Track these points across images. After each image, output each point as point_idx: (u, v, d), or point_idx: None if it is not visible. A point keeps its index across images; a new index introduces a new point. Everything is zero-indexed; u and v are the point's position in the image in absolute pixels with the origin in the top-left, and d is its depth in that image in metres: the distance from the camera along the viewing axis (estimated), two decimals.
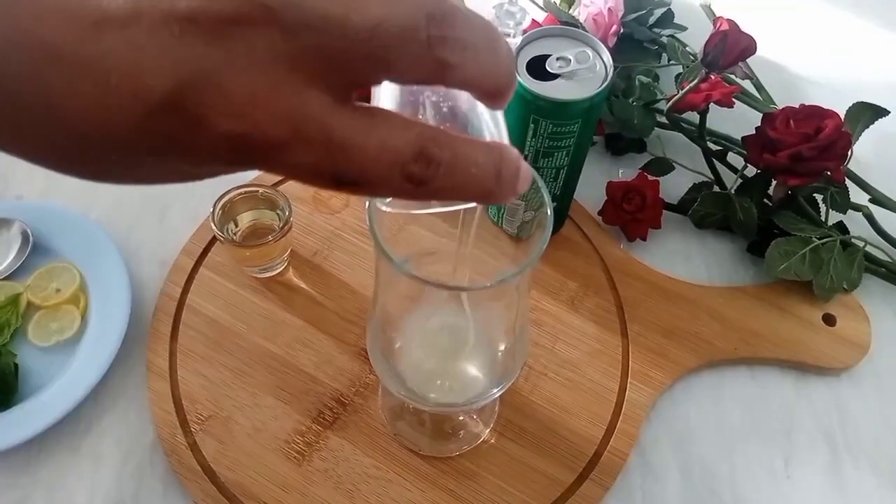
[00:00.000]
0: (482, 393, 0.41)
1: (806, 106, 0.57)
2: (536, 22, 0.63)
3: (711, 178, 0.62)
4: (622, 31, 0.66)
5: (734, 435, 0.52)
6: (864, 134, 0.58)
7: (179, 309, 0.54)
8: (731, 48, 0.55)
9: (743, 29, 0.57)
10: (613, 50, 0.48)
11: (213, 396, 0.50)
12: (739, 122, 0.62)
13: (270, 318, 0.54)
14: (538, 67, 0.47)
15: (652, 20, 0.71)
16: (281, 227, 0.53)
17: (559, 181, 0.53)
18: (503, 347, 0.42)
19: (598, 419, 0.51)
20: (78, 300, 0.54)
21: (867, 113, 0.58)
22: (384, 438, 0.49)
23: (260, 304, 0.55)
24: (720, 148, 0.63)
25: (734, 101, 0.60)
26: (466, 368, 0.44)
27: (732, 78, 0.65)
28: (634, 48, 0.69)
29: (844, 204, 0.59)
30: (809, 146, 0.54)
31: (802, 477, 0.51)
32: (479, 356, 0.44)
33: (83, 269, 0.55)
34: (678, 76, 0.64)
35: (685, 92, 0.59)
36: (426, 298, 0.39)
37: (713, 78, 0.59)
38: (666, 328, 0.55)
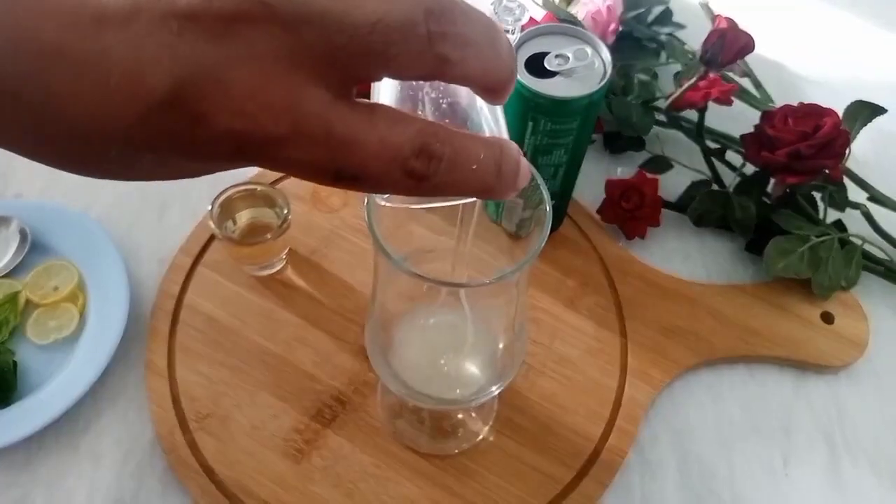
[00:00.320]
0: (481, 391, 0.41)
1: (804, 104, 0.57)
2: (535, 20, 0.63)
3: (710, 176, 0.62)
4: (621, 29, 0.66)
5: (733, 433, 0.52)
6: (862, 132, 0.58)
7: (178, 307, 0.54)
8: (729, 46, 0.55)
9: (741, 27, 0.57)
10: (612, 48, 0.48)
11: (211, 394, 0.50)
12: (738, 120, 0.62)
13: (269, 316, 0.54)
14: (537, 65, 0.47)
15: (651, 18, 0.71)
16: (279, 225, 0.53)
17: (558, 179, 0.53)
18: (502, 345, 0.42)
19: (596, 417, 0.51)
20: (76, 298, 0.54)
21: (865, 111, 0.58)
22: (383, 436, 0.49)
23: (258, 302, 0.55)
24: (719, 146, 0.63)
25: (733, 99, 0.60)
26: (465, 366, 0.44)
27: (731, 76, 0.65)
28: (633, 46, 0.69)
29: (842, 202, 0.59)
30: (808, 144, 0.54)
31: (801, 475, 0.51)
32: (477, 354, 0.44)
33: (82, 267, 0.55)
34: (677, 74, 0.64)
35: (684, 90, 0.59)
36: (425, 296, 0.39)
37: (712, 76, 0.59)
38: (664, 326, 0.55)
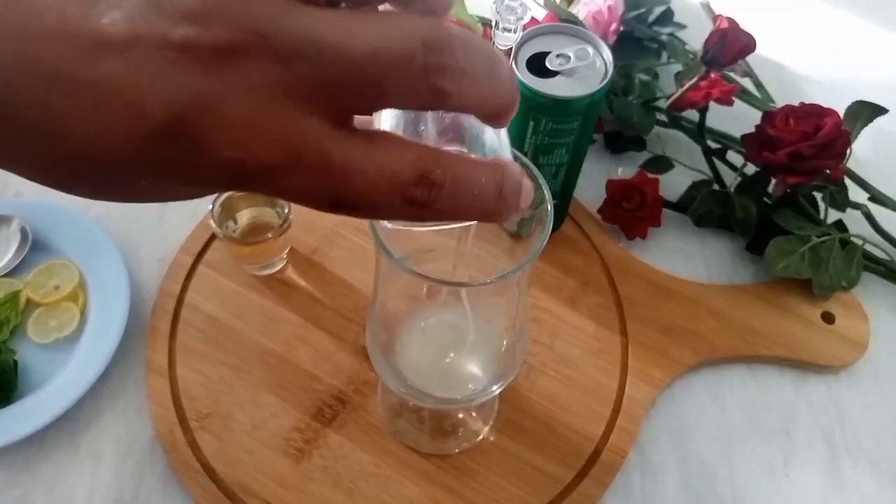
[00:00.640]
0: (482, 390, 0.41)
1: (805, 104, 0.57)
2: (536, 20, 0.63)
3: (711, 176, 0.62)
4: (622, 28, 0.66)
5: (733, 433, 0.52)
6: (862, 132, 0.58)
7: (178, 306, 0.54)
8: (730, 46, 0.55)
9: (742, 27, 0.57)
10: (613, 48, 0.48)
11: (212, 394, 0.50)
12: (739, 120, 0.62)
13: (269, 315, 0.54)
14: (538, 65, 0.47)
15: (652, 18, 0.71)
16: (280, 224, 0.53)
17: (559, 179, 0.53)
18: (503, 345, 0.42)
19: (597, 417, 0.51)
20: (77, 297, 0.54)
21: (866, 111, 0.58)
22: (383, 436, 0.49)
23: (259, 301, 0.55)
24: (720, 146, 0.63)
25: (734, 99, 0.60)
26: (466, 366, 0.44)
27: (732, 76, 0.65)
28: (634, 46, 0.69)
29: (843, 202, 0.59)
30: (808, 144, 0.54)
31: (801, 475, 0.51)
32: (478, 354, 0.44)
33: (82, 266, 0.55)
34: (678, 74, 0.64)
35: (685, 90, 0.59)
36: (426, 295, 0.39)
37: (713, 76, 0.59)
38: (665, 326, 0.55)
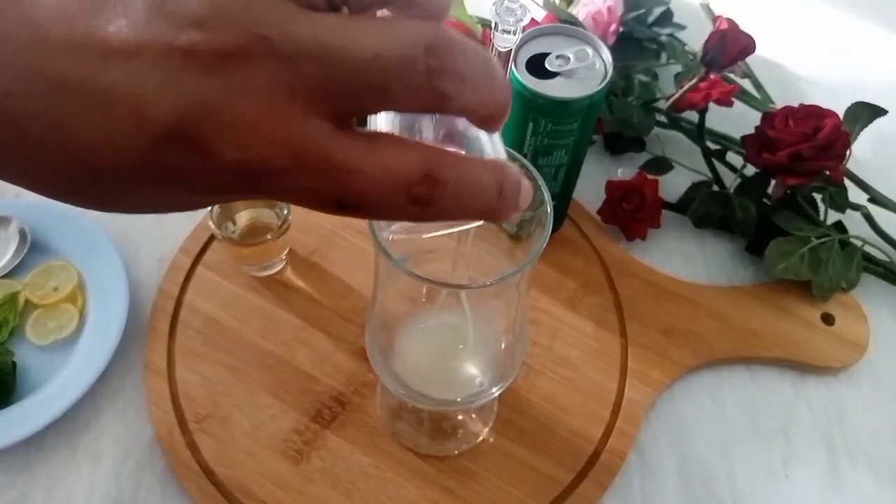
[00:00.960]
0: (481, 392, 0.41)
1: (805, 105, 0.57)
2: (535, 20, 0.63)
3: (710, 177, 0.62)
4: (621, 29, 0.66)
5: (733, 434, 0.52)
6: (862, 133, 0.58)
7: (177, 307, 0.54)
8: (730, 47, 0.55)
9: (742, 28, 0.57)
10: (613, 49, 0.48)
11: (211, 395, 0.50)
12: (738, 121, 0.62)
13: (268, 316, 0.54)
14: (537, 66, 0.47)
15: (651, 19, 0.71)
16: (279, 225, 0.52)
17: (558, 180, 0.53)
18: (502, 346, 0.42)
19: (596, 418, 0.51)
20: (76, 298, 0.54)
21: (866, 113, 0.58)
22: (383, 438, 0.49)
23: (258, 302, 0.55)
24: (719, 147, 0.63)
25: (733, 100, 0.60)
26: (465, 367, 0.44)
27: (731, 77, 0.65)
28: (634, 47, 0.69)
29: (843, 203, 0.59)
30: (808, 146, 0.54)
31: (801, 477, 0.51)
32: (478, 355, 0.44)
33: (81, 267, 0.55)
34: (677, 75, 0.64)
35: (684, 91, 0.59)
36: (425, 297, 0.39)
37: (712, 77, 0.59)
38: (665, 327, 0.55)
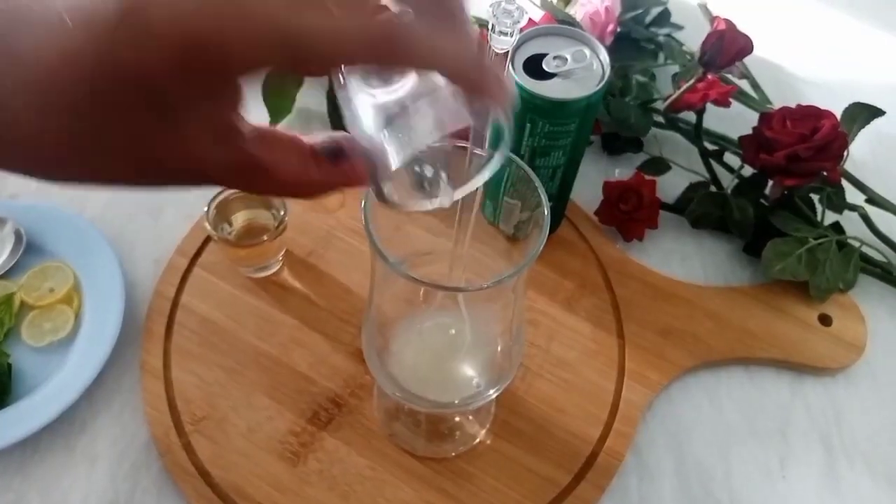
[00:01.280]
0: (478, 394, 0.41)
1: (802, 106, 0.57)
2: (533, 21, 0.62)
3: (708, 177, 0.62)
4: (619, 30, 0.66)
5: (730, 435, 0.52)
6: (860, 134, 0.58)
7: (173, 309, 0.54)
8: (727, 48, 0.55)
9: (740, 28, 0.57)
10: (610, 49, 0.48)
11: (207, 396, 0.50)
12: (736, 121, 0.62)
13: (265, 317, 0.54)
14: (535, 66, 0.47)
15: (649, 19, 0.71)
16: (276, 226, 0.52)
17: (556, 181, 0.53)
18: (500, 348, 0.42)
19: (593, 419, 0.51)
20: (72, 300, 0.54)
21: (863, 113, 0.58)
22: (379, 439, 0.49)
23: (254, 303, 0.55)
24: (717, 148, 0.63)
25: (731, 100, 0.60)
26: (462, 369, 0.44)
27: (729, 77, 0.65)
28: (631, 47, 0.69)
29: (840, 204, 0.59)
30: (806, 146, 0.54)
31: (798, 477, 0.51)
32: (475, 357, 0.44)
33: (77, 268, 0.55)
34: (675, 75, 0.64)
35: (682, 91, 0.59)
36: (422, 299, 0.39)
37: (710, 77, 0.59)
38: (662, 328, 0.55)
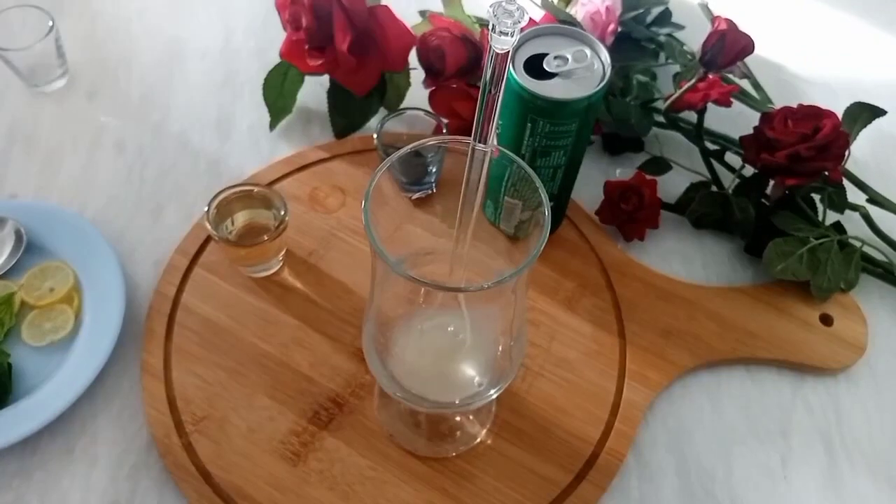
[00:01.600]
0: (479, 394, 0.41)
1: (804, 106, 0.56)
2: (533, 20, 0.62)
3: (709, 177, 0.62)
4: (620, 29, 0.66)
5: (731, 435, 0.52)
6: (861, 134, 0.58)
7: (174, 308, 0.54)
8: (729, 47, 0.55)
9: (741, 28, 0.57)
10: (611, 49, 0.48)
11: (207, 397, 0.50)
12: (737, 121, 0.62)
13: (266, 317, 0.54)
14: (536, 66, 0.47)
15: (650, 19, 0.71)
16: (276, 226, 0.52)
17: (556, 181, 0.53)
18: (500, 348, 0.42)
19: (594, 420, 0.50)
20: (72, 300, 0.53)
21: (865, 113, 0.58)
22: (380, 439, 0.49)
23: (255, 303, 0.54)
24: (718, 147, 0.63)
25: (732, 100, 0.60)
26: (463, 369, 0.44)
27: (730, 77, 0.65)
28: (632, 47, 0.69)
29: (842, 204, 0.59)
30: (807, 146, 0.54)
31: (799, 477, 0.51)
32: (476, 357, 0.44)
33: (77, 268, 0.55)
34: (676, 75, 0.63)
35: (683, 91, 0.59)
36: (423, 299, 0.39)
37: (711, 77, 0.59)
38: (663, 328, 0.55)
